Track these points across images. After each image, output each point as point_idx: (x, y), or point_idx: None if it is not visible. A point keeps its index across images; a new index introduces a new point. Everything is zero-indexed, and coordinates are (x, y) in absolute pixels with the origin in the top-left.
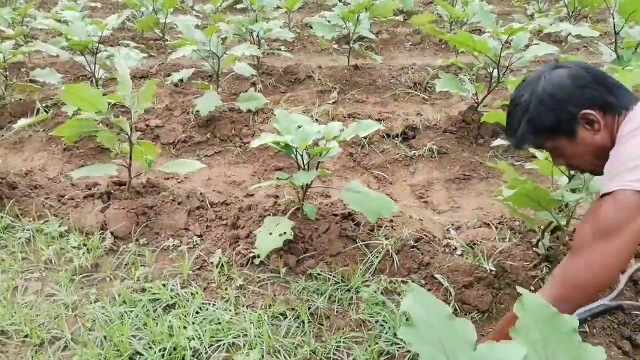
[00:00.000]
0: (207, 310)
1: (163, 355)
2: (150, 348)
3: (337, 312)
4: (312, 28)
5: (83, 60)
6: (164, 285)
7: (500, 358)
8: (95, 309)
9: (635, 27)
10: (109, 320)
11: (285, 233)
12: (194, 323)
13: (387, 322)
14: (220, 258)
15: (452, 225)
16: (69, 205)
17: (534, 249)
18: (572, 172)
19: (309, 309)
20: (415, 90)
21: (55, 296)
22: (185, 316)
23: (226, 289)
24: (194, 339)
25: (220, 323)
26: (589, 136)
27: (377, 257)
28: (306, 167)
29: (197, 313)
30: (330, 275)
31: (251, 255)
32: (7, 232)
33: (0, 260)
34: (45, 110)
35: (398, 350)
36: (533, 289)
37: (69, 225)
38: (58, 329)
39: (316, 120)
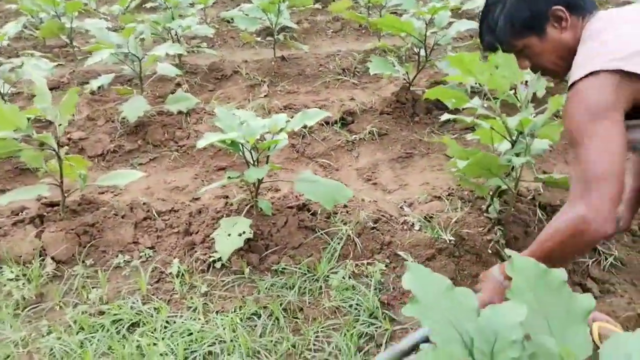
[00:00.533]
0: (175, 322)
1: None
2: None
3: (309, 303)
4: (229, 22)
5: None
6: (123, 305)
7: (503, 320)
8: (49, 341)
9: None
10: (69, 350)
11: (244, 232)
12: (163, 338)
13: (360, 305)
14: (179, 267)
15: (405, 202)
16: None
17: (484, 214)
18: (513, 138)
19: (281, 304)
20: (345, 76)
21: None
22: (153, 332)
23: (191, 298)
24: (166, 354)
25: (191, 333)
26: (557, 34)
27: (339, 244)
28: (255, 162)
29: (165, 327)
30: (296, 267)
31: (211, 259)
32: None
33: None
34: None
35: (376, 330)
36: (490, 251)
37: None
38: None
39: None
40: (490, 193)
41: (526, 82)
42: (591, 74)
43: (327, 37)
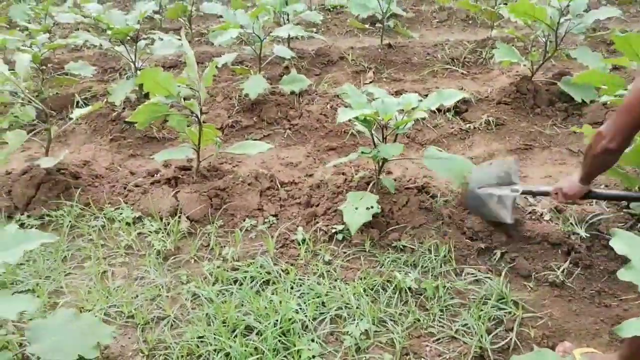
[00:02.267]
0: (303, 284)
1: (275, 328)
2: (259, 322)
3: (433, 281)
4: (330, 10)
5: (123, 50)
6: (253, 263)
7: None
8: (190, 288)
9: None
10: (209, 298)
11: (372, 207)
12: (293, 297)
13: (489, 289)
14: (303, 235)
15: None
16: (137, 192)
17: (624, 209)
18: None
19: (403, 278)
20: (453, 66)
21: (144, 279)
22: (283, 291)
23: (316, 264)
24: (297, 312)
25: (319, 296)
26: None
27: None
28: (384, 140)
29: (292, 288)
30: (419, 245)
31: (332, 231)
32: (80, 221)
33: (81, 247)
34: (85, 103)
35: (505, 316)
36: None
37: (141, 211)
38: (159, 309)
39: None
40: (637, 187)
41: None
42: None
43: (432, 26)
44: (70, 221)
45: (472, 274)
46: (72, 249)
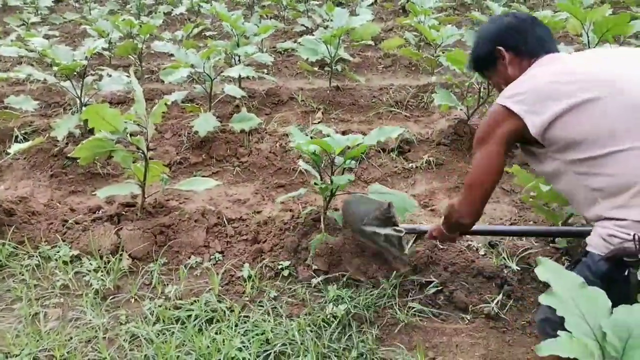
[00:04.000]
0: (248, 321)
1: None
2: None
3: (376, 315)
4: (282, 53)
5: (69, 85)
6: (196, 301)
7: (638, 318)
8: (129, 328)
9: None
10: (148, 339)
11: None
12: (238, 334)
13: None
14: (249, 271)
15: None
16: (76, 229)
17: (551, 244)
18: None
19: (347, 314)
20: (397, 108)
21: (80, 320)
22: (227, 329)
23: (261, 301)
24: (241, 350)
25: (264, 333)
26: (503, 68)
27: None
28: (332, 175)
29: (236, 325)
30: (366, 280)
31: (279, 267)
32: (12, 260)
33: (11, 288)
34: (24, 138)
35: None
36: None
37: (80, 249)
38: (95, 351)
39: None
40: (561, 222)
41: None
42: (497, 103)
43: (378, 72)
44: (0, 260)
45: (413, 307)
46: (1, 289)
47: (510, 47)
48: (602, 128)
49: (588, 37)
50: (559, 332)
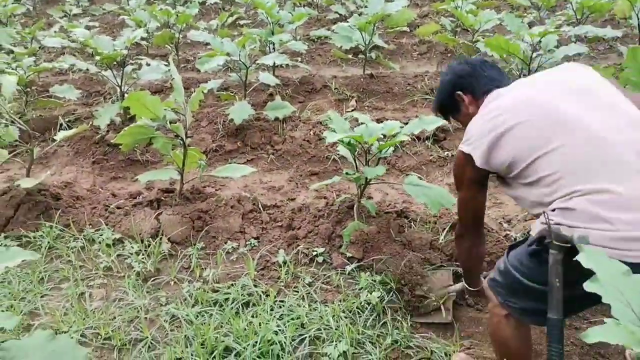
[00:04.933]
0: (283, 306)
1: (253, 349)
2: (238, 344)
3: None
4: (315, 41)
5: (110, 74)
6: (233, 285)
7: None
8: (169, 310)
9: None
10: (188, 320)
11: None
12: (273, 318)
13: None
14: (284, 257)
15: (503, 218)
16: (118, 214)
17: None
18: None
19: (381, 301)
20: (432, 96)
21: (122, 300)
22: (262, 312)
23: (296, 286)
24: (276, 333)
25: (299, 318)
26: (465, 109)
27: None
28: (367, 164)
29: (272, 309)
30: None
31: (314, 253)
32: (58, 242)
33: (59, 268)
34: (68, 126)
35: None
36: None
37: (122, 232)
38: (137, 331)
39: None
40: None
41: None
42: (458, 148)
43: (413, 59)
44: (48, 242)
45: None
46: (49, 270)
47: (467, 90)
48: (528, 142)
49: (638, 19)
50: (605, 320)
